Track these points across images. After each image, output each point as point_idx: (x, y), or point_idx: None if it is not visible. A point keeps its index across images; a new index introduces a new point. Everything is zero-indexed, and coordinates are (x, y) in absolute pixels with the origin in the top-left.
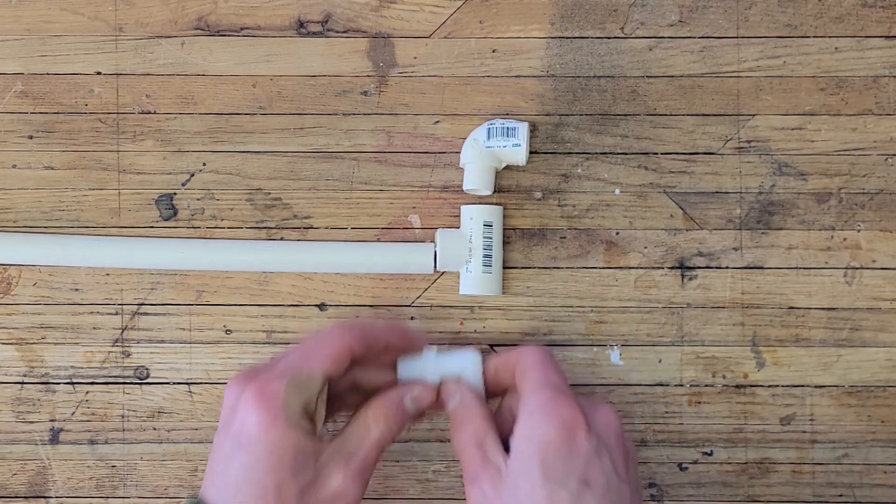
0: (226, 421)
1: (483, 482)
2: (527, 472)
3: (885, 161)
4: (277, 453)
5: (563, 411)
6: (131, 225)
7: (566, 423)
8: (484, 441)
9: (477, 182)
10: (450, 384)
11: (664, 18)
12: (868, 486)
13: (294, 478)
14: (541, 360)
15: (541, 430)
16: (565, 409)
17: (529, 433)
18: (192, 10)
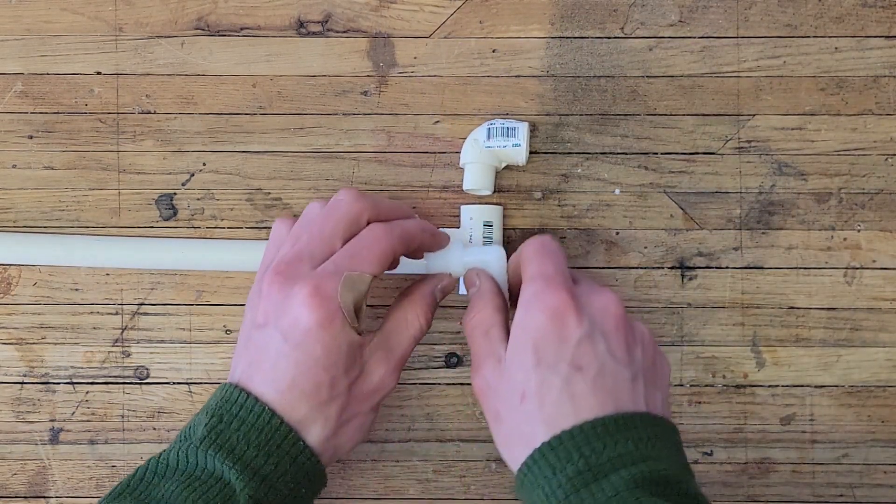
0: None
1: (485, 369)
2: (521, 359)
3: (885, 161)
4: (334, 351)
5: (550, 299)
6: (131, 225)
7: (555, 310)
8: (490, 329)
9: (477, 182)
10: (472, 273)
11: (664, 18)
12: (868, 486)
13: (346, 374)
14: (537, 249)
15: (532, 318)
16: (553, 296)
17: (523, 322)
18: (192, 10)
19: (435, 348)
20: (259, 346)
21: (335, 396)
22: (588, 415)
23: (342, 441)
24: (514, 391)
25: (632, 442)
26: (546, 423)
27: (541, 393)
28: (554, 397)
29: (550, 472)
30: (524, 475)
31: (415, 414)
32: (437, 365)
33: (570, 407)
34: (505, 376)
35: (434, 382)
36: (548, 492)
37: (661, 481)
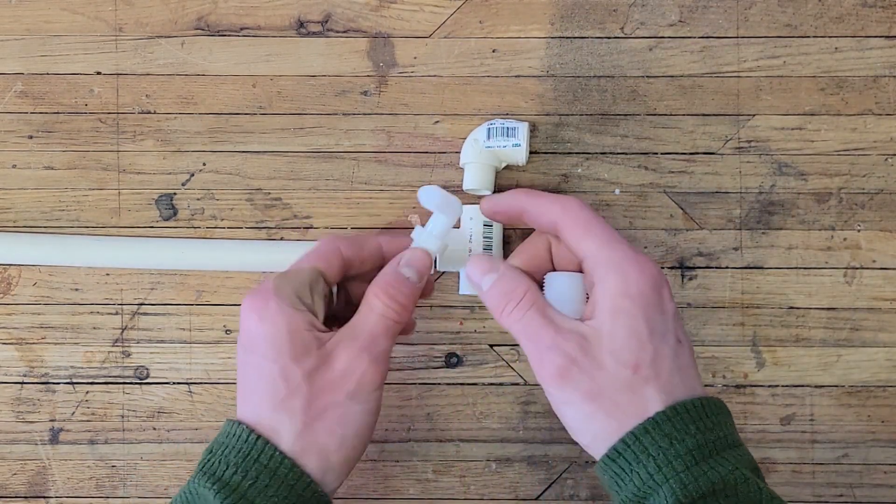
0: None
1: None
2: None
3: (885, 161)
4: (277, 339)
5: (651, 267)
6: (131, 225)
7: (656, 278)
8: (545, 309)
9: (477, 182)
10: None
11: (664, 18)
12: (868, 486)
13: (296, 362)
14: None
15: (636, 286)
16: (651, 265)
17: (625, 290)
18: (192, 10)
19: (435, 348)
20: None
21: (294, 389)
22: (695, 389)
23: (321, 438)
24: (622, 363)
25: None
26: (663, 392)
27: (656, 363)
28: (668, 367)
29: (667, 443)
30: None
31: (415, 414)
32: (437, 365)
33: (679, 378)
34: (606, 350)
35: (434, 382)
36: (661, 462)
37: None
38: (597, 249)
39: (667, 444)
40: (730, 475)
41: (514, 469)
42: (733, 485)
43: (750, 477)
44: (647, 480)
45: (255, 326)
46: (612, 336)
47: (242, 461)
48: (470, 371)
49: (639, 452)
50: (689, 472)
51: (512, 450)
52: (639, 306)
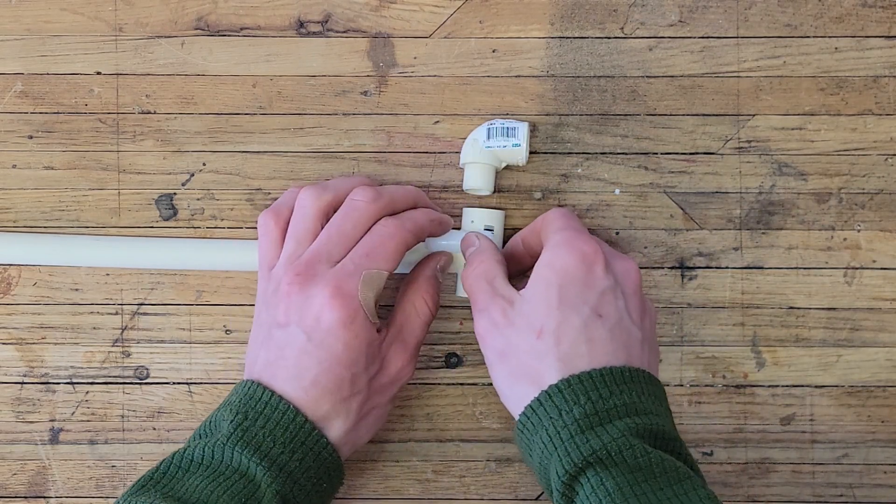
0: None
1: (492, 311)
2: (544, 296)
3: (885, 161)
4: (355, 349)
5: (584, 246)
6: (131, 225)
7: (586, 255)
8: (494, 279)
9: (477, 182)
10: (471, 235)
11: (664, 18)
12: (868, 486)
13: (366, 370)
14: (564, 213)
15: (561, 259)
16: (587, 244)
17: (550, 261)
18: (192, 10)
19: (435, 348)
20: (281, 345)
21: (356, 392)
22: (602, 361)
23: (361, 434)
24: (529, 327)
25: (636, 394)
26: (561, 361)
27: (560, 331)
28: (572, 337)
29: (556, 413)
30: (528, 415)
31: (415, 414)
32: (437, 365)
33: (586, 349)
34: (520, 313)
35: (434, 382)
36: (552, 432)
37: (659, 435)
38: (549, 235)
39: (556, 414)
40: (613, 443)
41: (514, 469)
42: (618, 451)
43: (636, 443)
44: (543, 450)
45: (336, 328)
46: (526, 300)
47: (290, 441)
48: (470, 371)
49: (535, 423)
50: (573, 441)
51: (512, 450)
52: (557, 276)
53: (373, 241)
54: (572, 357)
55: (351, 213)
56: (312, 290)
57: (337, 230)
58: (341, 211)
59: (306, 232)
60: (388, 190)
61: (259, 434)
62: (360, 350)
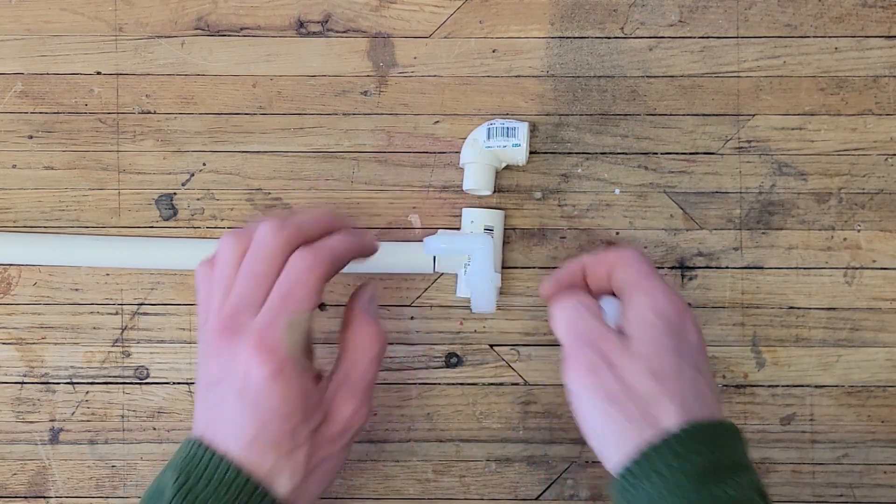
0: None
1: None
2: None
3: (885, 161)
4: (291, 400)
5: (679, 301)
6: (131, 225)
7: (681, 309)
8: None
9: (477, 182)
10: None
11: (664, 18)
12: (868, 486)
13: (306, 421)
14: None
15: (665, 308)
16: (680, 300)
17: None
18: (192, 10)
19: (435, 348)
20: (216, 404)
21: (299, 445)
22: (710, 413)
23: (312, 487)
24: (645, 369)
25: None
26: (681, 408)
27: (678, 376)
28: (687, 386)
29: (676, 460)
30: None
31: (415, 414)
32: (437, 365)
33: (698, 401)
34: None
35: (434, 382)
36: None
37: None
38: (634, 278)
39: (677, 462)
40: (741, 498)
41: (514, 469)
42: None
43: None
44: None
45: (265, 384)
46: (640, 343)
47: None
48: (470, 371)
49: (649, 469)
50: (698, 493)
51: (512, 450)
52: (664, 323)
53: (289, 280)
54: (691, 405)
55: (259, 251)
56: (237, 345)
57: (250, 273)
58: (250, 251)
59: (226, 280)
60: (295, 217)
61: (202, 495)
62: (294, 402)
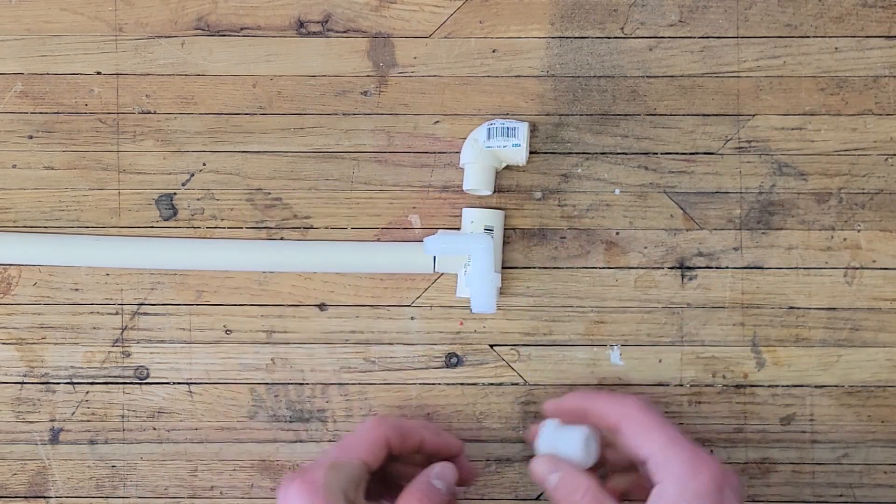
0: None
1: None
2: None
3: (885, 161)
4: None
5: (711, 468)
6: (131, 225)
7: (716, 480)
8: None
9: (477, 182)
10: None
11: (664, 18)
12: (868, 486)
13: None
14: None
15: (692, 485)
16: (712, 466)
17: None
18: (192, 10)
19: (435, 348)
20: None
21: None
22: None
23: None
24: None
25: None
26: None
27: None
28: None
29: None
30: None
31: (415, 414)
32: (437, 365)
33: None
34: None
35: (434, 382)
36: None
37: None
38: (657, 451)
39: None
40: None
41: (514, 469)
42: None
43: None
44: None
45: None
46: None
47: None
48: (470, 371)
49: None
50: None
51: (512, 450)
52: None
53: (350, 437)
54: None
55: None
56: (290, 487)
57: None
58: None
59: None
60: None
61: None
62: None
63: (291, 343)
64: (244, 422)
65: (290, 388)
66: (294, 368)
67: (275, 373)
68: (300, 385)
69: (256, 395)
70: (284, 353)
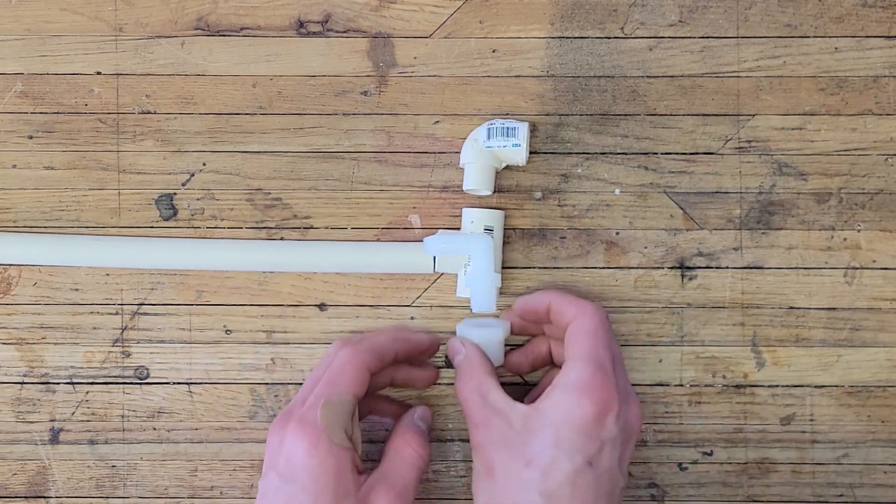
0: (271, 462)
1: (491, 426)
2: (540, 432)
3: (885, 161)
4: (321, 477)
5: (601, 394)
6: (131, 225)
7: (599, 406)
8: (488, 393)
9: (477, 182)
10: (456, 342)
11: (664, 18)
12: (868, 486)
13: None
14: (595, 328)
15: (572, 405)
16: (604, 392)
17: (560, 402)
18: (192, 10)
19: None
20: (261, 495)
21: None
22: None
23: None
24: (521, 455)
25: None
26: (546, 498)
27: (549, 468)
28: (559, 479)
29: None
30: None
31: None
32: (438, 365)
33: (569, 492)
34: (517, 439)
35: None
36: None
37: None
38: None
39: None
40: None
41: None
42: None
43: None
44: None
45: (302, 459)
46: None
47: None
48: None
49: None
50: None
51: None
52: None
53: (331, 370)
54: (555, 497)
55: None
56: (284, 431)
57: (310, 378)
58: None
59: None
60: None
61: None
62: (326, 480)
63: (291, 343)
64: (244, 422)
65: (290, 388)
66: (294, 368)
67: (275, 373)
68: (300, 385)
69: (256, 395)
70: (284, 353)
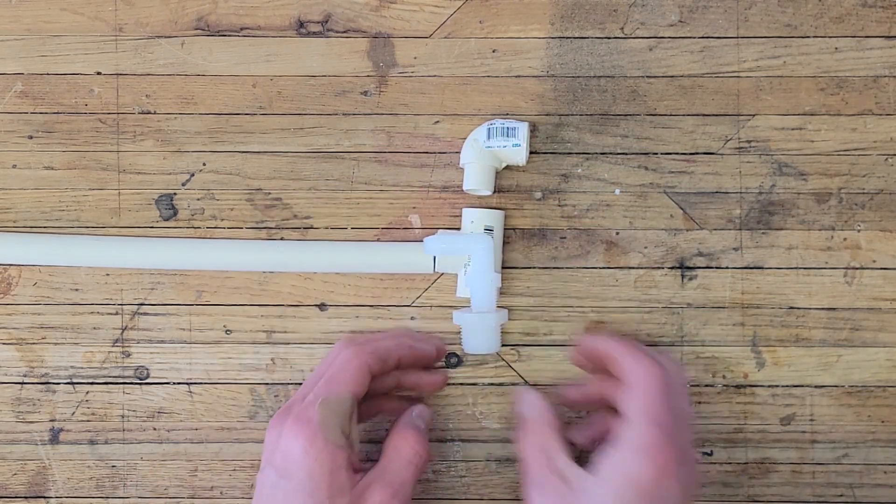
0: (269, 457)
1: (547, 489)
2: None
3: (885, 161)
4: (317, 474)
5: (663, 459)
6: (131, 225)
7: (662, 471)
8: (553, 453)
9: (477, 182)
10: (523, 393)
11: (664, 18)
12: (868, 486)
13: (332, 498)
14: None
15: (634, 468)
16: (667, 457)
17: (622, 467)
18: (192, 10)
19: None
20: (259, 489)
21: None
22: None
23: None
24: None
25: None
26: None
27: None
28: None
29: None
30: None
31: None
32: (437, 365)
33: None
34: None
35: None
36: None
37: None
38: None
39: None
40: None
41: (513, 469)
42: None
43: None
44: None
45: (298, 456)
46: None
47: None
48: (470, 371)
49: None
50: None
51: (512, 450)
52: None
53: (332, 369)
54: None
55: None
56: (282, 427)
57: (313, 376)
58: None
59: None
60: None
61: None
62: (321, 477)
63: (291, 343)
64: (244, 422)
65: (290, 388)
66: (294, 368)
67: (275, 373)
68: (300, 385)
69: (256, 395)
70: (284, 353)
